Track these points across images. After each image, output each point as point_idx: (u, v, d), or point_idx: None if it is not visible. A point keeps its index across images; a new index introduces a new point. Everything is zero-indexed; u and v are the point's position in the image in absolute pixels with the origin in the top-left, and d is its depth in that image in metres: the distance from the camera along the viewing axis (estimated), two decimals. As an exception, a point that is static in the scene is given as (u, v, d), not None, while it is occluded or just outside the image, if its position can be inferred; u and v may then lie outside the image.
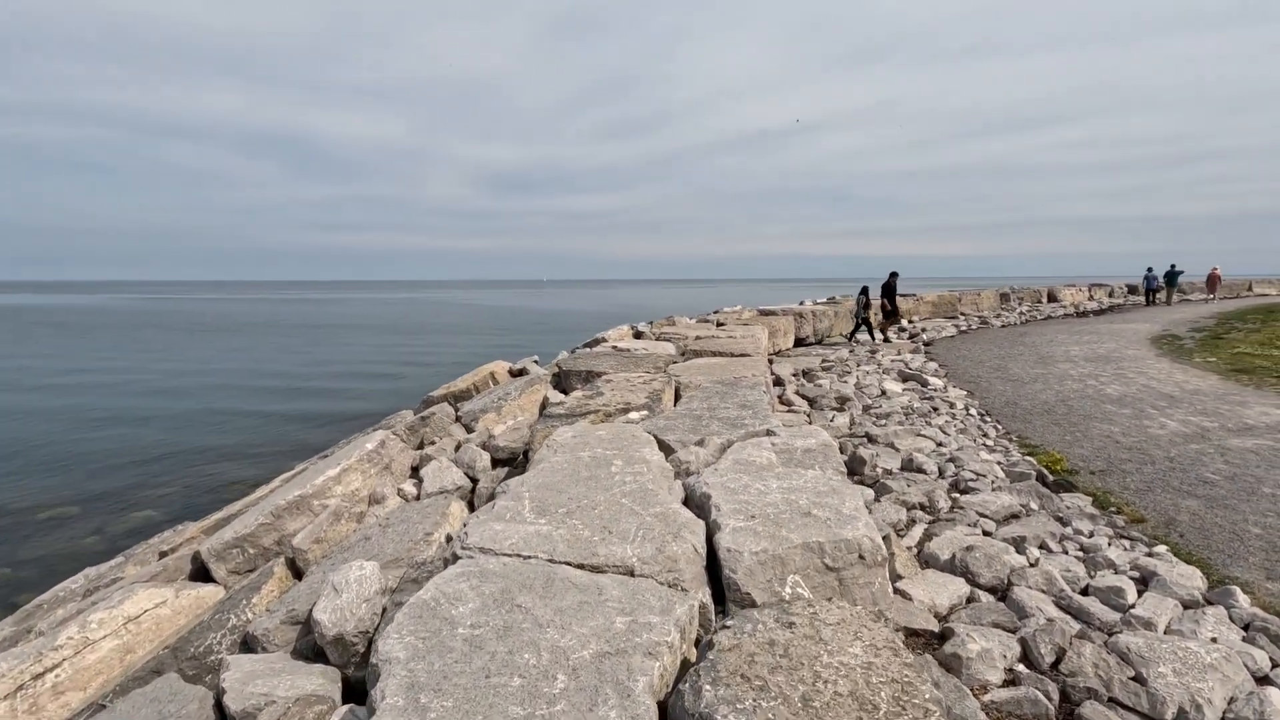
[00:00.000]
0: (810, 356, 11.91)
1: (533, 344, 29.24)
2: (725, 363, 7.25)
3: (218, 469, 13.25)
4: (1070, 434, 6.43)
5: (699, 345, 8.51)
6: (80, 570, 6.39)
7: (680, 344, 9.09)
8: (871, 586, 2.59)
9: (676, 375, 6.52)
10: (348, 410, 16.27)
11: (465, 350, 27.66)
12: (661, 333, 10.27)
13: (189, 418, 16.59)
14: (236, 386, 20.15)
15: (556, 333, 36.85)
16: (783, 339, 12.55)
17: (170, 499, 11.86)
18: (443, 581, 2.27)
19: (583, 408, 5.17)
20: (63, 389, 19.94)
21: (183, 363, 25.41)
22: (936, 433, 6.49)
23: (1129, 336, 14.09)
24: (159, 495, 11.94)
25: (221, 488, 11.47)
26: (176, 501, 11.62)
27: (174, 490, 11.90)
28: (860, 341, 13.62)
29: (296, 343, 32.76)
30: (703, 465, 3.76)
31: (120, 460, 13.43)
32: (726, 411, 5.04)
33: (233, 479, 12.03)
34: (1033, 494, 4.82)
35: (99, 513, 10.92)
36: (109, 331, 40.64)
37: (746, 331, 10.26)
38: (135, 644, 4.40)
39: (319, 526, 4.95)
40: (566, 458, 3.73)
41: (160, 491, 12.07)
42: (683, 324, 12.28)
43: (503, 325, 44.63)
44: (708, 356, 7.90)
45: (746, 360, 7.38)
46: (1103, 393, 8.14)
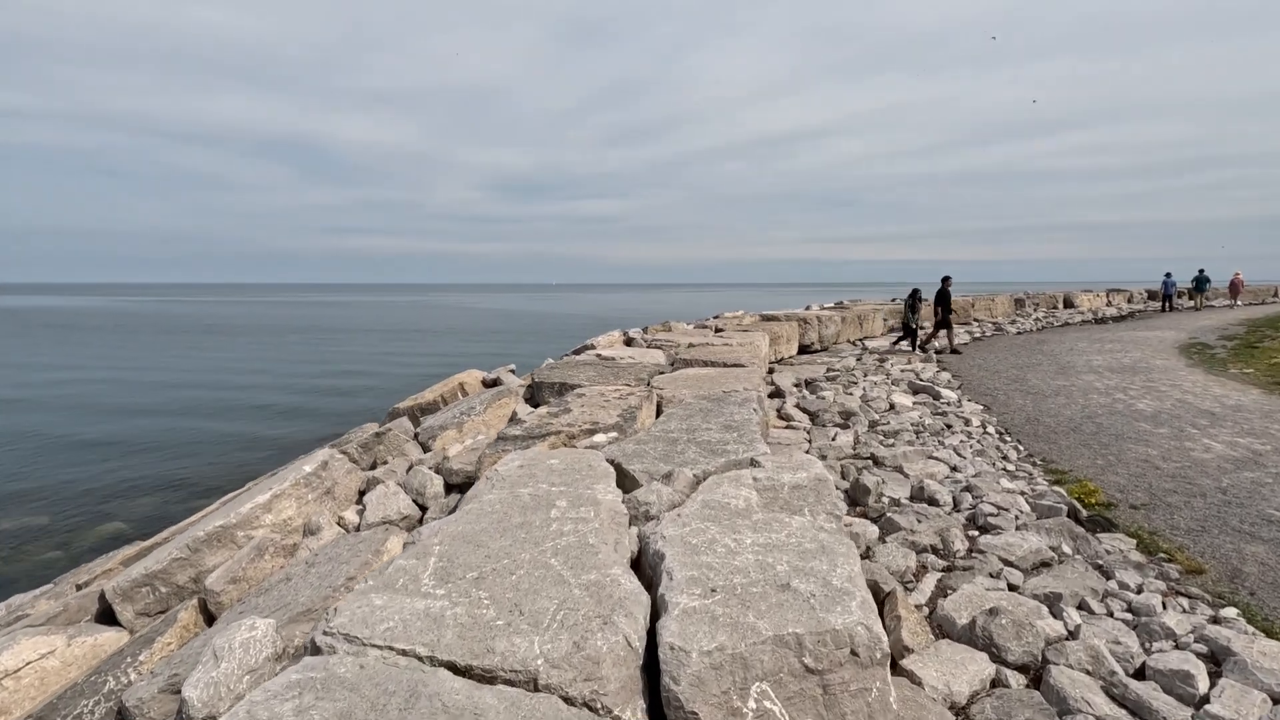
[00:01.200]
0: (815, 365, 11.22)
1: (528, 349, 28.67)
2: (717, 374, 6.59)
3: (200, 475, 12.71)
4: (1102, 457, 5.71)
5: (691, 354, 7.85)
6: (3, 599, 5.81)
7: (671, 352, 8.42)
8: (867, 695, 1.91)
9: (659, 388, 5.86)
10: (338, 411, 15.72)
11: (459, 354, 27.13)
12: (654, 339, 9.61)
13: (182, 421, 16.09)
14: (231, 390, 19.67)
15: (554, 337, 36.28)
16: (786, 346, 11.86)
17: (142, 510, 11.31)
18: (258, 703, 1.62)
19: (543, 428, 4.51)
20: (52, 391, 19.54)
21: (181, 366, 24.99)
22: (951, 455, 5.79)
23: (1155, 344, 13.28)
24: (131, 506, 11.39)
25: (199, 498, 10.92)
26: (150, 513, 11.07)
27: (149, 501, 11.35)
28: (919, 351, 12.62)
29: (297, 346, 32.36)
30: (666, 507, 3.10)
31: (99, 467, 12.92)
32: (708, 434, 4.38)
33: (212, 486, 11.48)
34: (1065, 533, 4.12)
35: (69, 523, 10.40)
36: (109, 334, 40.45)
37: (745, 338, 9.59)
38: (10, 704, 3.79)
39: (238, 563, 4.32)
40: (502, 496, 3.08)
41: (135, 502, 11.53)
42: (679, 330, 11.61)
43: (503, 329, 44.14)
44: (698, 367, 7.24)
45: (740, 371, 6.70)
46: (1134, 408, 7.40)
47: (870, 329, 15.78)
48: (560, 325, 47.58)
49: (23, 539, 10.03)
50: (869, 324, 15.70)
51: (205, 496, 10.60)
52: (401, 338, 37.97)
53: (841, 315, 14.23)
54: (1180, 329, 16.39)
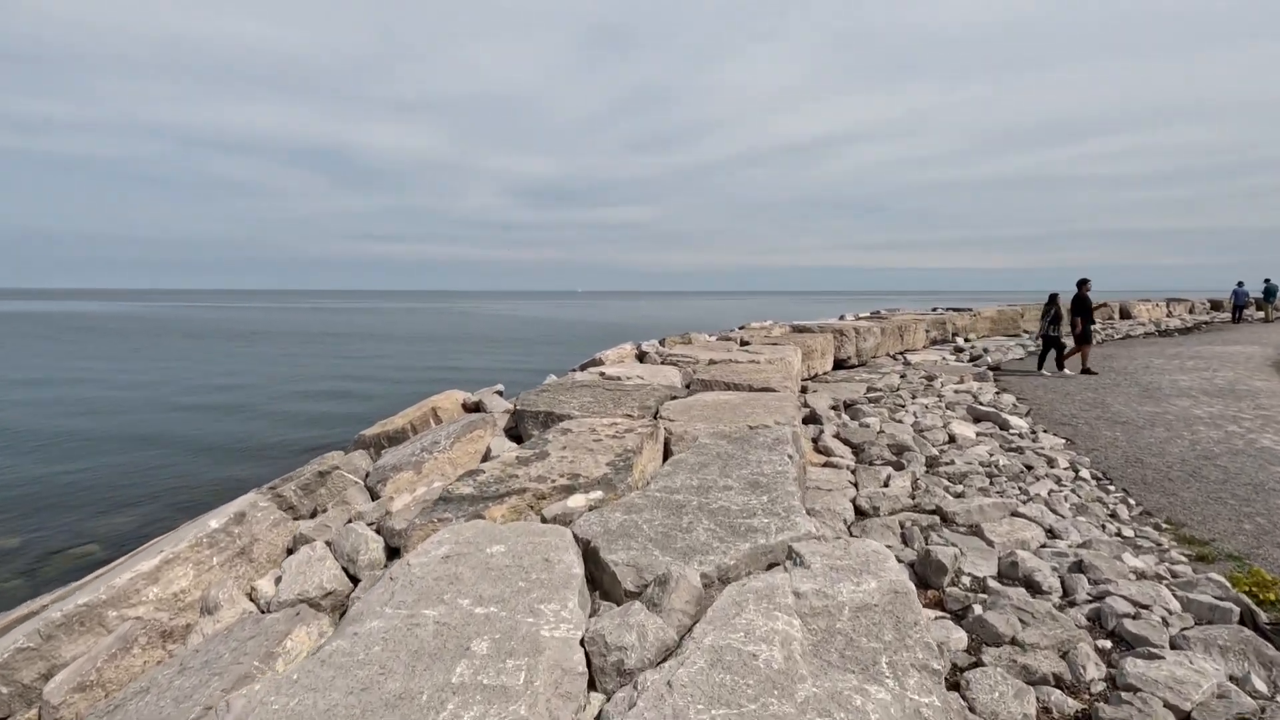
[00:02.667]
0: (853, 383, 9.92)
1: (544, 359, 27.64)
2: (741, 401, 5.38)
3: (197, 485, 11.87)
4: (1248, 519, 4.37)
5: (712, 373, 6.66)
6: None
7: (689, 370, 7.24)
8: None
9: (669, 420, 4.68)
10: (340, 420, 14.77)
11: (472, 365, 26.22)
12: (670, 354, 8.43)
13: (189, 426, 15.36)
14: (245, 395, 18.95)
15: (574, 345, 35.26)
16: (820, 361, 10.58)
17: (119, 530, 10.47)
18: None
19: (504, 483, 3.35)
20: (64, 394, 18.99)
21: (194, 370, 24.44)
22: (1042, 511, 4.49)
23: (1242, 362, 11.70)
24: (110, 525, 10.57)
25: (182, 512, 10.01)
26: (126, 534, 10.21)
27: (127, 521, 10.50)
28: (1057, 373, 11.13)
29: (313, 350, 31.81)
30: (652, 654, 1.92)
31: (94, 474, 12.13)
32: (727, 496, 3.18)
33: (201, 501, 10.58)
34: (1247, 655, 2.84)
35: (43, 543, 9.56)
36: (133, 338, 40.50)
37: (775, 353, 8.36)
38: None
39: (92, 661, 3.25)
40: (392, 625, 1.93)
41: (114, 520, 10.70)
42: (699, 342, 10.41)
43: (523, 337, 43.29)
44: (719, 390, 6.04)
45: (769, 398, 5.48)
46: (1260, 445, 6.00)
47: (912, 341, 14.39)
48: (581, 333, 46.63)
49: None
50: (911, 336, 14.32)
51: (188, 511, 9.70)
52: (421, 344, 37.31)
53: (880, 326, 12.88)
54: (1263, 343, 14.69)
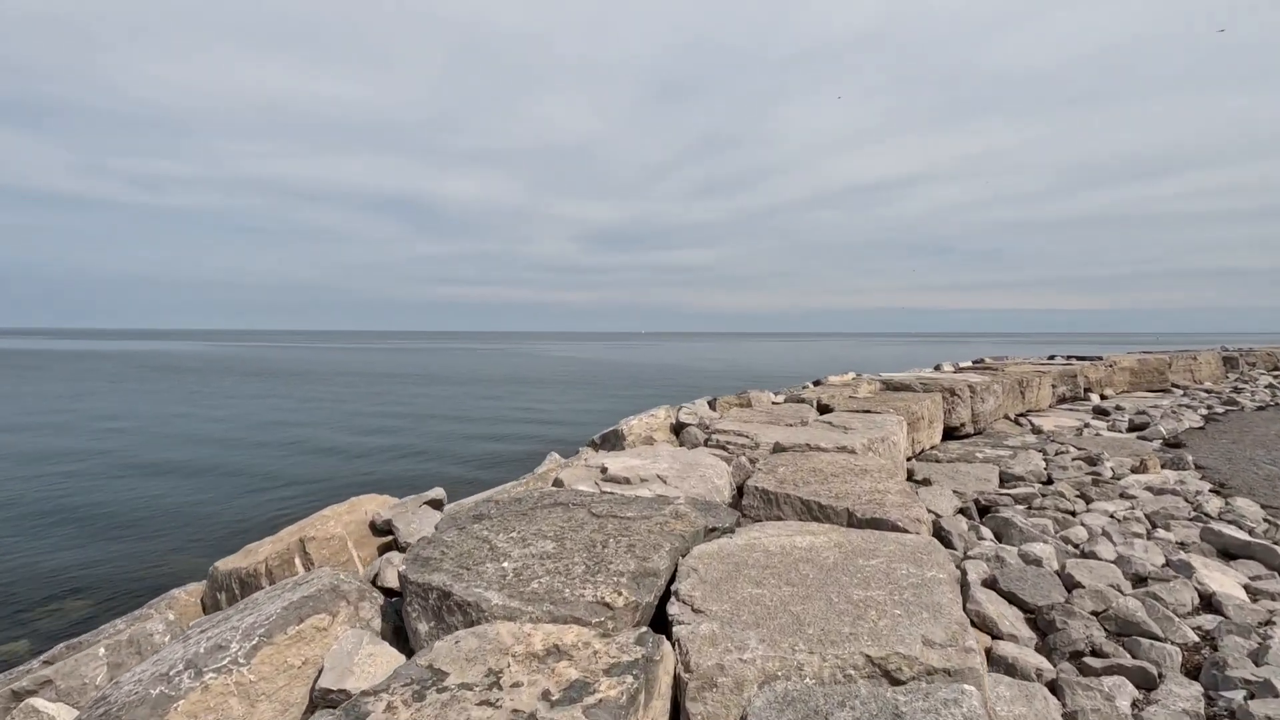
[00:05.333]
0: (976, 463, 7.13)
1: (602, 405, 25.43)
2: (833, 549, 2.82)
3: (223, 532, 10.10)
4: None
5: (778, 470, 4.13)
6: None
7: (743, 460, 4.74)
8: None
9: (689, 616, 2.22)
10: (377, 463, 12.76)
11: (527, 411, 24.23)
12: (716, 428, 5.89)
13: (236, 469, 13.87)
14: (296, 435, 17.47)
15: (633, 388, 32.96)
16: (926, 432, 7.81)
17: (103, 583, 8.65)
18: None
19: None
20: (106, 434, 17.95)
21: (266, 410, 23.39)
22: None
23: None
24: (92, 577, 8.78)
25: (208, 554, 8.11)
26: (100, 590, 8.40)
27: (108, 573, 8.65)
28: None
29: (363, 391, 30.71)
30: None
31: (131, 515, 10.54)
32: None
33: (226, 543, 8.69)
34: None
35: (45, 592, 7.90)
36: (214, 377, 40.91)
37: (870, 428, 5.74)
38: None
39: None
40: None
41: (98, 572, 8.92)
42: (761, 406, 7.84)
43: (576, 379, 41.37)
44: (792, 514, 3.51)
45: (893, 547, 2.86)
46: None
47: (1035, 399, 11.33)
48: (641, 376, 44.45)
49: None
50: (1034, 392, 11.27)
51: (208, 555, 7.78)
52: (476, 386, 35.91)
53: (999, 382, 9.96)
54: None
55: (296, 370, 50.07)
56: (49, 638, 7.39)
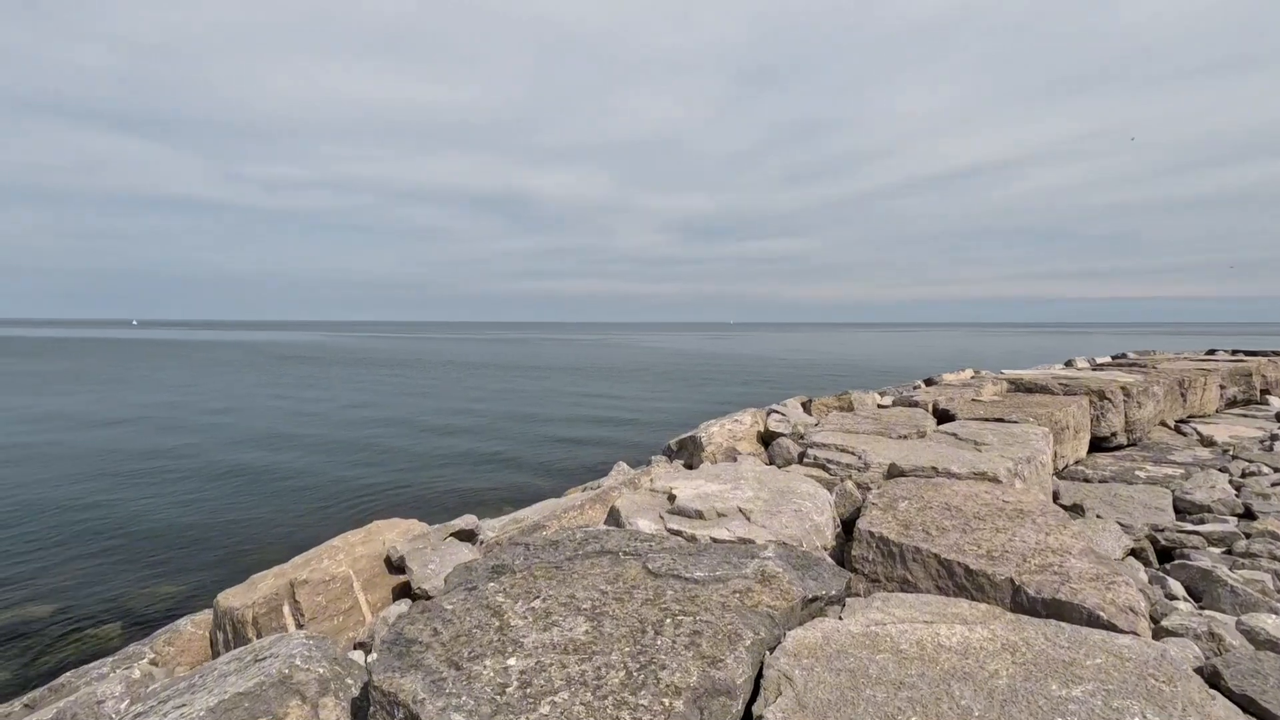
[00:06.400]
0: (1138, 485, 5.75)
1: (685, 400, 24.47)
2: (1010, 643, 1.89)
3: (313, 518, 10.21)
4: None
5: (906, 501, 3.15)
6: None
7: (849, 486, 3.77)
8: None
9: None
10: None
11: (599, 395, 23.75)
12: (815, 445, 4.91)
13: (328, 455, 14.18)
14: (388, 424, 17.85)
15: (721, 384, 31.83)
16: (1071, 443, 6.45)
17: (190, 564, 8.74)
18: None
19: None
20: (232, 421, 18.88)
21: (364, 398, 24.23)
22: None
23: None
24: (198, 566, 8.88)
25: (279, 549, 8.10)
26: (187, 575, 8.44)
27: (217, 560, 8.72)
28: None
29: (464, 380, 31.34)
30: None
31: (211, 505, 10.84)
32: None
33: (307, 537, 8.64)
34: None
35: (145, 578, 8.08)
36: (321, 365, 43.32)
37: (1009, 441, 4.61)
38: None
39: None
40: None
41: (199, 561, 9.02)
42: (865, 408, 6.74)
43: (674, 371, 40.63)
44: (930, 572, 2.56)
45: (1124, 666, 1.90)
46: None
47: (1199, 403, 9.49)
48: (727, 368, 43.18)
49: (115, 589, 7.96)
50: (1196, 394, 9.44)
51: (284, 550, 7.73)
52: (567, 377, 35.98)
53: (1155, 382, 8.29)
54: None
55: (397, 360, 52.29)
56: (141, 623, 7.44)
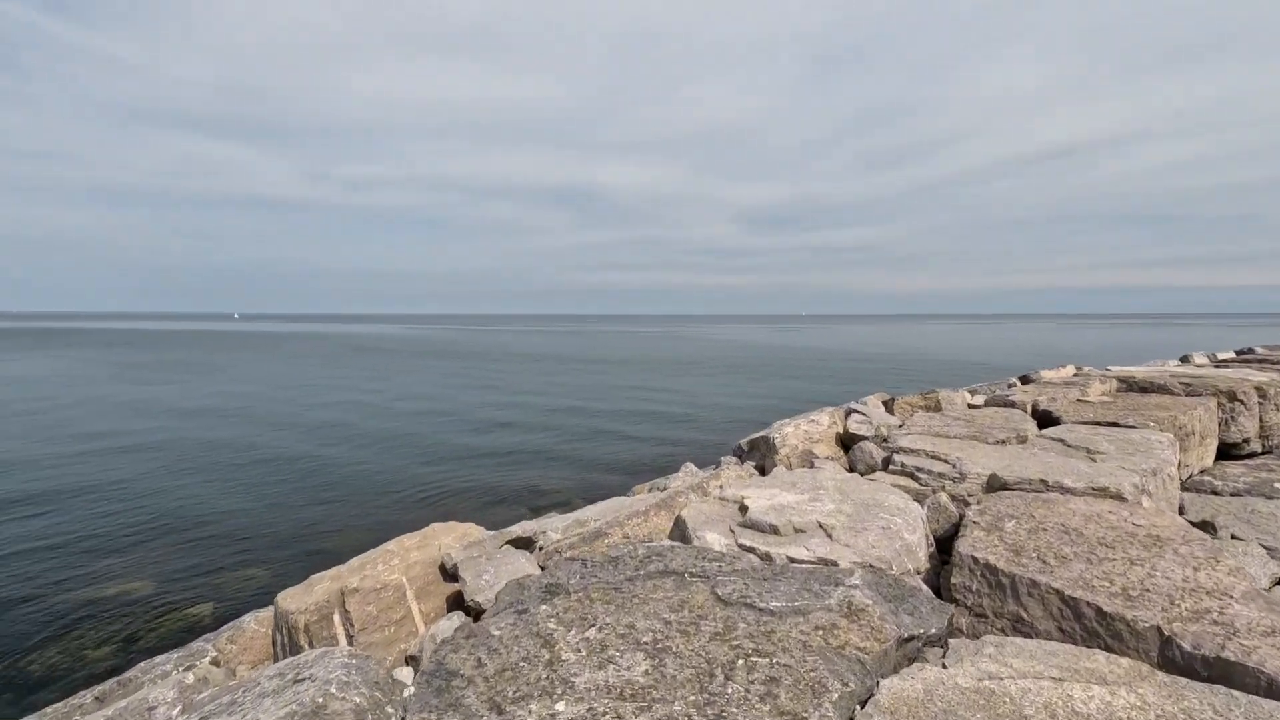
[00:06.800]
0: (1278, 500, 5.01)
1: (757, 395, 23.87)
2: (1167, 715, 1.53)
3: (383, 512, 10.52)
4: None
5: (1013, 520, 2.74)
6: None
7: (942, 499, 3.37)
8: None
9: None
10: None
11: (663, 401, 23.52)
12: (900, 450, 4.49)
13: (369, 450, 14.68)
14: (460, 419, 18.34)
15: (787, 378, 30.98)
16: (1196, 452, 5.72)
17: (277, 548, 9.07)
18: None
19: None
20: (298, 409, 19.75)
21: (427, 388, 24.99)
22: None
23: None
24: (273, 542, 9.24)
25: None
26: (272, 561, 8.72)
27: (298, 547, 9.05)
28: None
29: (526, 373, 31.87)
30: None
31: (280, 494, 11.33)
32: None
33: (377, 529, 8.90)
34: None
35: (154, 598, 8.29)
36: (396, 357, 45.15)
37: (1128, 449, 4.07)
38: None
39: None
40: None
41: (278, 537, 9.39)
42: (955, 408, 6.20)
43: (737, 363, 39.99)
44: (1050, 611, 2.16)
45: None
46: None
47: (1347, 405, 8.32)
48: (800, 361, 42.08)
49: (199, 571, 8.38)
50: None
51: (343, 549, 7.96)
52: (637, 369, 36.00)
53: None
54: None
55: (470, 353, 53.82)
56: (230, 601, 7.76)
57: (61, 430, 17.81)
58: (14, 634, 6.85)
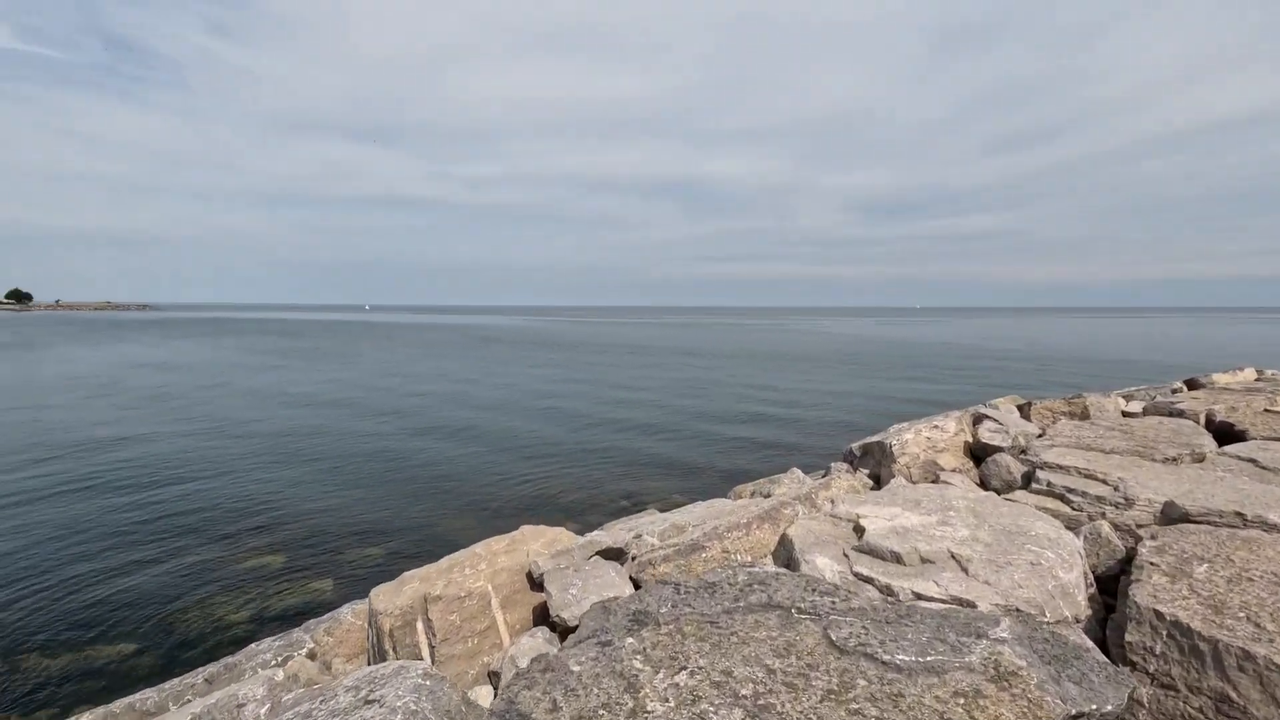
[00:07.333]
0: None
1: (868, 394, 22.52)
2: None
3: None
4: None
5: (1204, 565, 2.23)
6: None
7: (1107, 525, 2.84)
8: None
9: None
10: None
11: (768, 399, 22.78)
12: (1044, 467, 3.89)
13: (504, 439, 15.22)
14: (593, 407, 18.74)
15: (902, 376, 29.14)
16: None
17: (398, 532, 9.47)
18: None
19: None
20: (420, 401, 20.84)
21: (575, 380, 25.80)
22: None
23: None
24: (394, 526, 9.71)
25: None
26: (396, 538, 9.10)
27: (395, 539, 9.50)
28: None
29: (630, 365, 32.14)
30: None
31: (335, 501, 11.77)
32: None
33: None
34: None
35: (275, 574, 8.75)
36: (518, 347, 47.10)
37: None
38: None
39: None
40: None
41: (398, 523, 9.87)
42: (1106, 415, 5.39)
43: (846, 358, 38.32)
44: (1272, 693, 1.71)
45: None
46: None
47: None
48: (916, 358, 39.67)
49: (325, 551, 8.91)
50: None
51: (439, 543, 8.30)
52: (747, 364, 35.39)
53: None
54: None
55: (579, 343, 55.12)
56: (347, 579, 8.20)
57: (216, 413, 19.78)
58: (163, 596, 7.55)
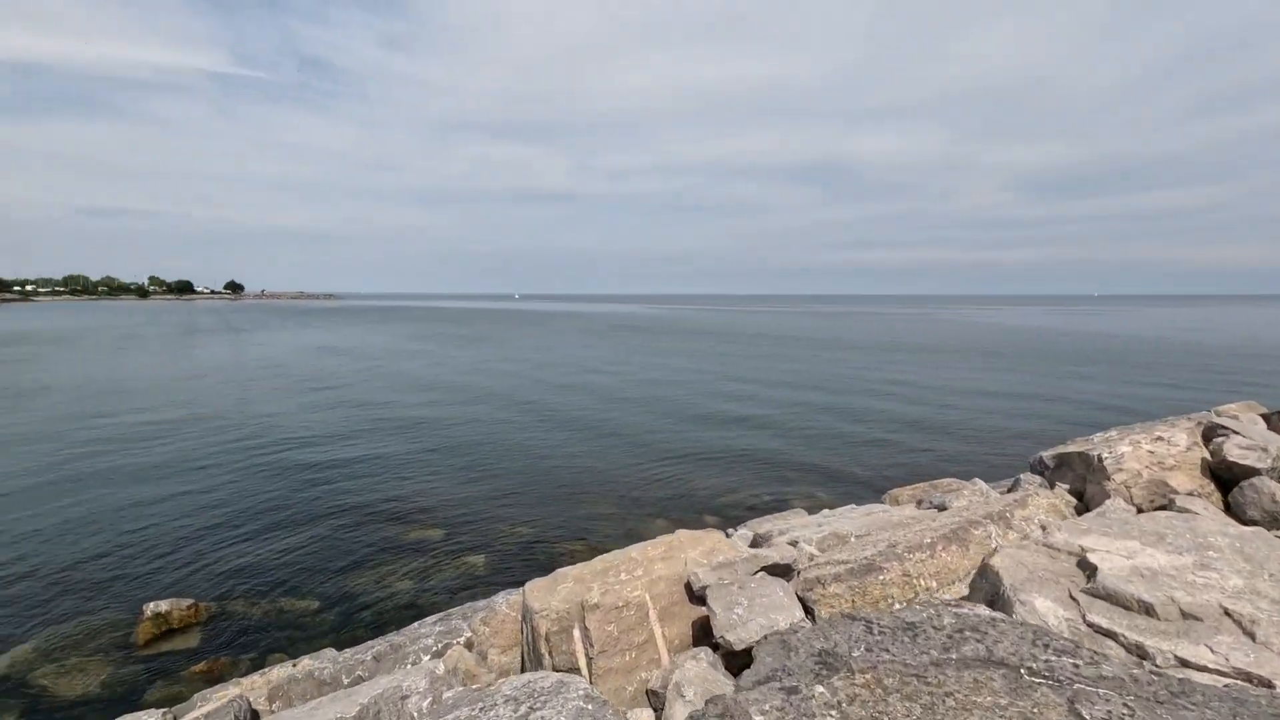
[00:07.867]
0: None
1: (1042, 395, 19.99)
2: None
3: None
4: None
5: None
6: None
7: None
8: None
9: None
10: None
11: (922, 399, 21.00)
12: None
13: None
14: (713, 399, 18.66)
15: (1084, 377, 25.75)
16: None
17: (538, 522, 9.78)
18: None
19: None
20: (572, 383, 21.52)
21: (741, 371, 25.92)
22: None
23: None
24: (535, 517, 10.04)
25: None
26: (536, 525, 9.39)
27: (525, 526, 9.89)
28: None
29: (778, 355, 31.32)
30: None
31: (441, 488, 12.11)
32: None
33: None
34: None
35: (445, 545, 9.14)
36: (653, 335, 47.96)
37: None
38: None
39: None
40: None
41: (539, 514, 10.18)
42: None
43: (1015, 351, 34.72)
44: None
45: None
46: None
47: None
48: (1100, 353, 34.95)
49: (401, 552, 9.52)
50: None
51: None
52: (896, 357, 33.29)
53: None
54: None
55: (714, 331, 54.82)
56: (498, 555, 8.60)
57: (387, 398, 21.74)
58: (341, 561, 8.31)
